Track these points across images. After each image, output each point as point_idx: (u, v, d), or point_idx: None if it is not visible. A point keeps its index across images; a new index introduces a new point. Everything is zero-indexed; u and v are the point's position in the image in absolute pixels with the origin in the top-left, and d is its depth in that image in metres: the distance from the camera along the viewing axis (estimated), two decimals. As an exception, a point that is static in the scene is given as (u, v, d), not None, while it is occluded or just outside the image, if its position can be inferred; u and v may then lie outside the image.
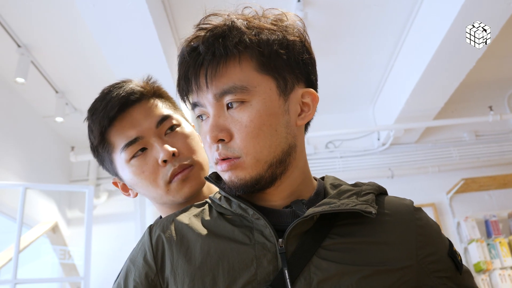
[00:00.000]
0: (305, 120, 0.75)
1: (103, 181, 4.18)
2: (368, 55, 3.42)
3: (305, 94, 0.75)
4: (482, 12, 2.46)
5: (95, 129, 0.95)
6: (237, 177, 0.70)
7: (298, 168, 0.76)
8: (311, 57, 0.77)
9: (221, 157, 0.71)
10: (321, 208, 0.69)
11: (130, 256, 0.79)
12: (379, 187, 0.80)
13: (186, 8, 2.73)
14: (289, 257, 0.68)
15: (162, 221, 0.80)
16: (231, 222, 0.74)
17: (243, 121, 0.69)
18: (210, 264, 0.69)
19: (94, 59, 3.10)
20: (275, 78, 0.71)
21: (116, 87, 0.98)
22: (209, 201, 0.81)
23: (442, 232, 0.79)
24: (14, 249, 2.56)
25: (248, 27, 0.70)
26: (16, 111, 3.42)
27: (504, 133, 4.31)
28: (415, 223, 0.75)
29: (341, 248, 0.69)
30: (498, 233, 3.72)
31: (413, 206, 0.78)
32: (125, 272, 0.77)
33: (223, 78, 0.69)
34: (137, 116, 0.95)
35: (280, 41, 0.71)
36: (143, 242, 0.78)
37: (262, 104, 0.69)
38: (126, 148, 0.94)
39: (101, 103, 0.95)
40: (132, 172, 0.95)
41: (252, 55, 0.70)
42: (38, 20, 2.71)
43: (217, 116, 0.70)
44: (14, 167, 3.28)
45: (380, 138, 4.21)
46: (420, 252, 0.72)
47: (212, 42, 0.69)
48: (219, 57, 0.69)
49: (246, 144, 0.69)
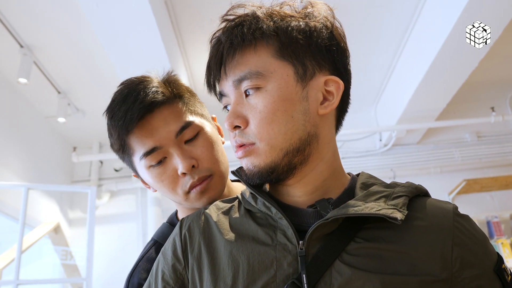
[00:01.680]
0: (328, 108, 0.72)
1: (105, 182, 4.19)
2: (371, 56, 3.42)
3: (329, 81, 0.72)
4: (484, 13, 2.45)
5: (114, 134, 0.93)
6: (252, 164, 0.71)
7: (323, 161, 0.73)
8: (338, 44, 0.74)
9: (237, 144, 0.72)
10: (344, 211, 0.66)
11: (162, 249, 0.81)
12: (417, 189, 0.74)
13: (189, 9, 2.73)
14: (309, 260, 0.65)
15: (193, 215, 0.81)
16: (257, 221, 0.74)
17: (258, 106, 0.69)
18: (232, 264, 0.69)
19: (97, 60, 3.10)
20: (293, 64, 0.70)
21: (136, 90, 0.92)
22: (239, 197, 0.81)
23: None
24: (17, 250, 2.56)
25: (267, 15, 0.71)
26: (19, 112, 3.42)
27: (506, 134, 4.31)
28: (452, 230, 0.67)
29: (366, 254, 0.65)
30: (500, 234, 3.71)
31: (455, 211, 0.71)
32: (156, 263, 0.79)
33: (239, 65, 0.71)
34: (156, 124, 0.92)
35: (300, 27, 0.71)
36: (173, 236, 0.80)
37: (277, 89, 0.69)
38: (145, 157, 0.92)
39: (120, 107, 0.91)
40: (152, 178, 0.94)
41: (268, 41, 0.70)
42: (41, 21, 2.71)
43: (235, 103, 0.72)
44: (16, 167, 3.28)
45: (382, 139, 4.21)
46: (456, 264, 0.65)
47: (231, 31, 0.71)
48: (236, 45, 0.71)
49: (260, 130, 0.69)
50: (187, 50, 3.11)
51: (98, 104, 3.42)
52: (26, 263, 3.11)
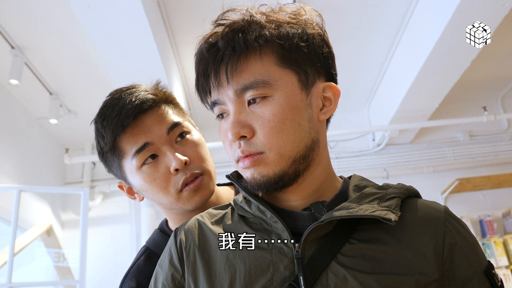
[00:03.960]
0: (327, 114, 0.74)
1: (98, 183, 4.16)
2: (363, 56, 3.43)
3: (326, 88, 0.74)
4: (476, 13, 2.47)
5: (107, 136, 0.94)
6: (260, 174, 0.69)
7: (321, 165, 0.74)
8: (330, 51, 0.76)
9: (244, 154, 0.69)
10: (338, 213, 0.66)
11: (158, 261, 0.80)
12: (409, 190, 0.75)
13: (181, 10, 2.72)
14: (306, 263, 0.66)
15: (187, 224, 0.80)
16: (251, 226, 0.74)
17: (266, 116, 0.68)
18: (228, 270, 0.69)
19: (89, 61, 3.08)
20: (296, 71, 0.70)
21: (127, 93, 0.97)
22: (232, 204, 0.81)
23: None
24: (9, 253, 2.54)
25: (267, 21, 0.70)
26: (10, 113, 3.39)
27: (498, 133, 4.34)
28: (444, 229, 0.68)
29: (361, 255, 0.66)
30: (492, 233, 3.74)
31: (446, 211, 0.72)
32: (154, 275, 0.79)
33: (243, 73, 0.68)
34: (148, 123, 0.96)
35: (300, 34, 0.71)
36: (169, 246, 0.79)
37: (285, 98, 0.68)
38: (137, 155, 0.94)
39: (113, 109, 0.95)
40: (143, 179, 0.95)
41: (273, 49, 0.69)
42: (32, 21, 2.69)
43: (238, 112, 0.69)
44: (8, 169, 3.26)
45: (375, 138, 4.23)
46: (447, 262, 0.66)
47: (232, 36, 0.68)
48: (240, 51, 0.68)
49: (269, 139, 0.67)
50: (179, 49, 3.10)
51: (90, 105, 3.38)
52: (19, 266, 3.09)
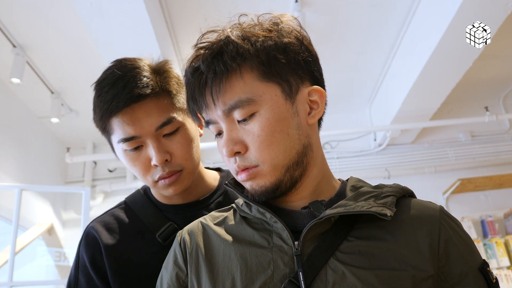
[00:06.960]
0: (316, 117, 0.76)
1: (99, 182, 4.16)
2: (365, 55, 3.43)
3: (312, 92, 0.75)
4: (479, 13, 2.46)
5: (98, 114, 0.96)
6: (258, 185, 0.72)
7: (317, 166, 0.77)
8: (312, 54, 0.77)
9: (240, 169, 0.73)
10: (336, 210, 0.69)
11: (163, 264, 0.83)
12: (404, 189, 0.78)
13: (183, 10, 2.72)
14: (305, 260, 0.68)
15: (190, 226, 0.84)
16: (253, 226, 0.77)
17: (255, 131, 0.70)
18: (230, 268, 0.72)
19: (91, 60, 3.08)
20: (279, 83, 0.72)
21: (127, 76, 0.94)
22: (234, 206, 0.84)
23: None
24: (10, 251, 2.54)
25: (243, 38, 0.71)
26: (11, 112, 3.39)
27: (499, 133, 4.33)
28: (439, 227, 0.71)
29: (359, 251, 0.68)
30: (494, 233, 3.73)
31: (441, 209, 0.74)
32: (160, 278, 0.81)
33: (227, 93, 0.70)
34: (139, 115, 0.94)
35: (277, 45, 0.72)
36: (173, 248, 0.83)
37: (271, 111, 0.70)
38: (123, 142, 0.95)
39: (108, 89, 0.94)
40: (126, 160, 0.99)
41: (252, 65, 0.71)
42: (34, 20, 2.69)
43: (229, 130, 0.72)
44: (9, 168, 3.26)
45: (377, 138, 4.22)
46: (443, 258, 0.68)
47: (212, 60, 0.70)
48: (221, 73, 0.70)
49: (261, 153, 0.70)
50: (181, 48, 3.10)
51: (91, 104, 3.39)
52: (20, 265, 3.09)
